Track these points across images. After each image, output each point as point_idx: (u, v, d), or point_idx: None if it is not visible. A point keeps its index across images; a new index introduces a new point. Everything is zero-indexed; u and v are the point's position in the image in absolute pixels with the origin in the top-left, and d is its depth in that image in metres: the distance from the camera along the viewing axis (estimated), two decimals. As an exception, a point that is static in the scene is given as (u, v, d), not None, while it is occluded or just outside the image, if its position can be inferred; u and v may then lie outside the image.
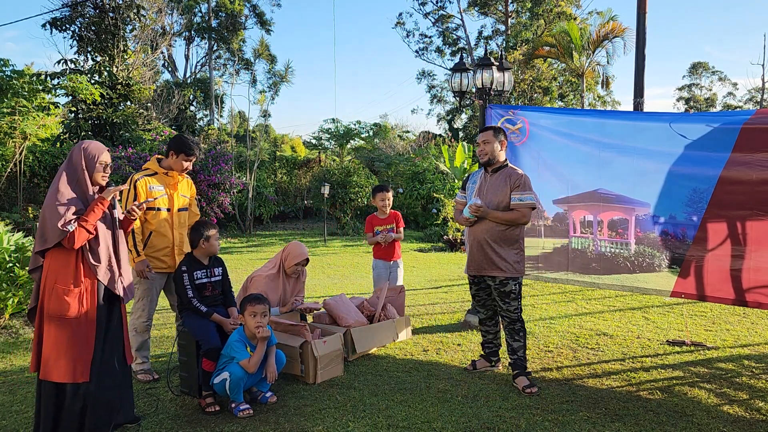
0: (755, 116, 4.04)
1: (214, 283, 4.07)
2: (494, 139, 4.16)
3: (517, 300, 4.16)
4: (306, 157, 21.55)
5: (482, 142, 4.19)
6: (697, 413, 3.65)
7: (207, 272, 4.03)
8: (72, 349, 3.14)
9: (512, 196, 4.06)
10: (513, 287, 4.12)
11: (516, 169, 4.20)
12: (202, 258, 4.05)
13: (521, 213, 4.06)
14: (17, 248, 5.78)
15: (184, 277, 3.93)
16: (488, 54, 5.87)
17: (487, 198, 4.12)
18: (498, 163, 4.19)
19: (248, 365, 3.65)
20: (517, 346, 4.16)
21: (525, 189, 4.06)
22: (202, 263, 4.04)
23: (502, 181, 4.12)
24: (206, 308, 3.90)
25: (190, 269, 3.97)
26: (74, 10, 14.32)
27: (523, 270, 4.19)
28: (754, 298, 4.10)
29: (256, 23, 29.57)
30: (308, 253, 4.85)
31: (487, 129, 4.27)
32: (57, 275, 3.16)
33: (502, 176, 4.14)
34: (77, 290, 3.17)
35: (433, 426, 3.48)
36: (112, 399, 3.31)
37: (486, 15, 28.90)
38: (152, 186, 4.18)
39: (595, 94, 25.95)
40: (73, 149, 3.31)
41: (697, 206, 4.25)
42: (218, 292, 4.10)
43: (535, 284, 7.81)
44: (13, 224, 9.58)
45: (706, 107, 47.95)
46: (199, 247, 4.01)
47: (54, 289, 3.15)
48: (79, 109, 13.91)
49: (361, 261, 10.83)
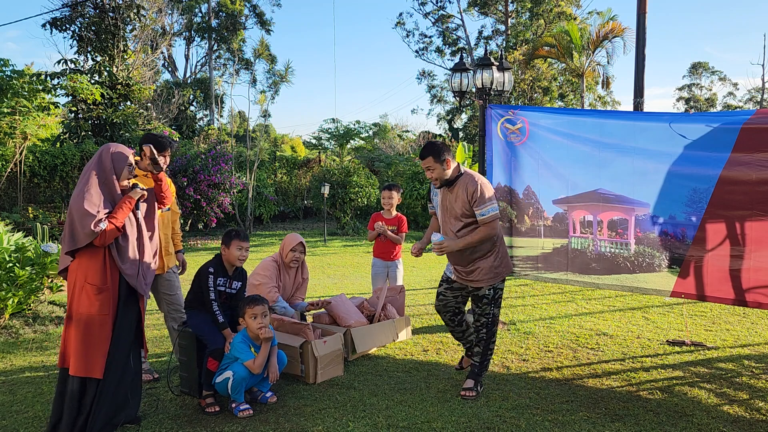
0: (755, 116, 4.04)
1: (229, 294, 4.04)
2: (436, 164, 3.84)
3: (490, 305, 3.99)
4: (306, 157, 21.55)
5: (426, 169, 3.90)
6: (697, 413, 3.65)
7: (227, 282, 4.00)
8: (92, 346, 3.24)
9: (474, 212, 3.83)
10: (486, 292, 3.97)
11: (472, 175, 3.89)
12: (227, 266, 4.01)
13: (488, 228, 3.82)
14: (17, 248, 5.78)
15: (209, 278, 3.88)
16: (488, 54, 5.87)
17: (450, 213, 3.95)
18: (452, 177, 3.91)
19: (253, 366, 3.64)
20: (476, 352, 4.01)
21: (483, 201, 3.79)
22: (227, 271, 4.00)
23: (461, 191, 3.87)
24: (224, 319, 3.83)
25: (215, 273, 3.93)
26: (74, 10, 14.31)
27: (502, 272, 3.98)
28: (753, 298, 4.10)
29: (256, 23, 29.60)
30: (304, 240, 4.87)
31: (426, 155, 3.87)
32: (87, 273, 3.26)
33: (460, 187, 3.88)
34: (106, 288, 3.27)
35: (433, 426, 3.48)
36: (123, 397, 3.37)
37: (486, 15, 28.91)
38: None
39: (595, 94, 25.97)
40: (101, 151, 3.39)
41: (697, 206, 4.25)
42: (229, 303, 4.06)
43: (535, 284, 7.81)
44: (13, 224, 9.58)
45: (706, 107, 47.95)
46: (222, 252, 3.99)
47: (84, 288, 3.25)
48: (79, 109, 13.91)
49: (361, 261, 10.83)
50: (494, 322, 4.04)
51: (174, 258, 4.44)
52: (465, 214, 3.88)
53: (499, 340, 5.26)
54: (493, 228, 3.84)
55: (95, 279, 3.26)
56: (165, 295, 4.37)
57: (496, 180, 5.46)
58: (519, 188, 5.35)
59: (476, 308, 4.04)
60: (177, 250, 4.52)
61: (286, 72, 29.45)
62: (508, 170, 5.39)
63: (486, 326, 3.99)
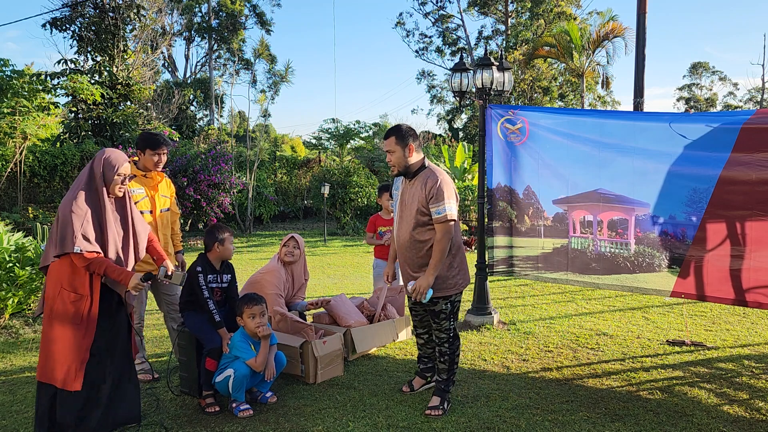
0: (755, 116, 4.04)
1: (222, 289, 4.06)
2: (398, 146, 3.60)
3: (448, 320, 3.69)
4: (306, 157, 21.56)
5: (386, 151, 3.66)
6: (697, 413, 3.65)
7: (217, 277, 4.01)
8: (69, 355, 3.12)
9: (430, 209, 3.54)
10: (443, 306, 3.65)
11: (435, 171, 3.62)
12: (215, 262, 4.03)
13: (443, 229, 3.50)
14: (17, 248, 5.78)
15: (200, 278, 3.89)
16: (488, 54, 5.86)
17: (407, 208, 3.65)
18: (413, 168, 3.65)
19: (255, 364, 3.65)
20: (441, 368, 3.73)
21: (441, 199, 3.49)
22: (215, 267, 4.02)
23: (419, 187, 3.59)
24: (220, 318, 3.83)
25: (204, 271, 3.95)
26: (74, 10, 14.32)
27: (459, 284, 3.67)
28: (753, 298, 4.10)
29: (256, 23, 29.62)
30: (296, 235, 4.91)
31: (389, 135, 3.64)
32: (64, 280, 3.14)
33: (420, 180, 3.61)
34: (84, 297, 3.14)
35: (433, 426, 3.48)
36: (110, 401, 3.30)
37: (486, 15, 28.91)
38: (133, 190, 4.10)
39: (595, 94, 25.98)
40: (95, 156, 3.29)
41: (697, 206, 4.25)
42: (223, 297, 4.09)
43: (535, 284, 7.81)
44: (13, 224, 9.58)
45: (707, 107, 47.96)
46: (214, 250, 3.98)
47: (60, 294, 3.13)
48: (79, 109, 13.92)
49: (361, 261, 10.82)
50: (456, 336, 3.76)
51: (173, 258, 4.44)
52: (421, 210, 3.57)
53: (499, 340, 5.26)
54: (448, 231, 3.51)
55: (74, 285, 3.13)
56: (164, 295, 4.37)
57: (496, 180, 5.46)
58: (519, 188, 5.35)
59: (434, 323, 3.73)
60: (177, 250, 4.51)
61: (286, 72, 29.48)
62: (508, 170, 5.39)
63: (448, 341, 3.70)
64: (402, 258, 3.77)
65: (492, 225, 5.51)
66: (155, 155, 4.19)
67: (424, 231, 3.61)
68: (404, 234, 3.68)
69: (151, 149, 4.17)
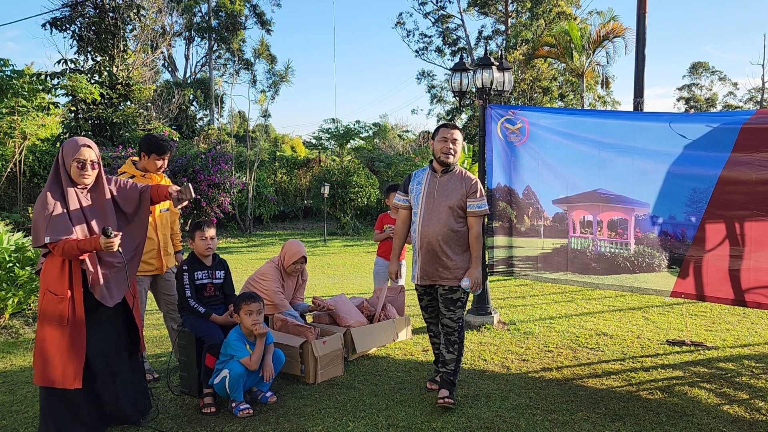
0: (755, 116, 4.04)
1: (216, 285, 4.06)
2: (462, 141, 3.96)
3: (462, 308, 3.91)
4: (306, 157, 21.57)
5: (452, 140, 3.88)
6: (697, 413, 3.65)
7: (209, 273, 4.02)
8: (63, 355, 3.12)
9: (469, 203, 3.83)
10: (461, 295, 3.88)
11: (468, 172, 3.97)
12: (203, 258, 4.04)
13: (480, 224, 3.86)
14: (17, 248, 5.78)
15: (184, 277, 3.93)
16: (488, 54, 5.86)
17: (438, 201, 3.85)
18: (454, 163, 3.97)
19: (249, 363, 3.65)
20: (450, 359, 3.86)
21: (481, 194, 3.86)
22: (204, 264, 4.03)
23: (457, 183, 3.87)
24: (204, 309, 3.90)
25: (190, 269, 3.96)
26: (74, 10, 14.31)
27: None
28: (753, 298, 4.10)
29: (256, 23, 29.57)
30: (305, 251, 4.86)
31: (456, 128, 3.97)
32: (49, 280, 3.14)
33: (456, 179, 3.89)
34: (69, 297, 3.12)
35: (432, 426, 3.48)
36: (114, 399, 3.32)
37: (486, 15, 28.89)
38: None
39: (595, 94, 25.95)
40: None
41: (697, 206, 4.25)
42: (219, 293, 4.09)
43: (535, 284, 7.81)
44: (13, 224, 9.58)
45: (707, 107, 47.96)
46: (195, 244, 4.02)
47: (45, 297, 3.14)
48: (79, 109, 13.92)
49: (361, 261, 10.82)
50: (463, 326, 4.01)
51: (173, 258, 4.44)
52: (459, 204, 3.83)
53: (499, 340, 5.27)
54: (481, 224, 3.88)
55: (55, 287, 3.12)
56: (164, 295, 4.36)
57: (496, 180, 5.46)
58: (519, 188, 5.35)
59: (447, 311, 3.88)
60: (176, 250, 4.51)
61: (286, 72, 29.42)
62: (508, 170, 5.39)
63: (458, 330, 3.89)
64: (432, 249, 3.85)
65: (492, 225, 5.50)
66: (159, 160, 4.21)
67: (461, 222, 3.87)
68: (437, 225, 3.84)
69: (157, 154, 4.19)
